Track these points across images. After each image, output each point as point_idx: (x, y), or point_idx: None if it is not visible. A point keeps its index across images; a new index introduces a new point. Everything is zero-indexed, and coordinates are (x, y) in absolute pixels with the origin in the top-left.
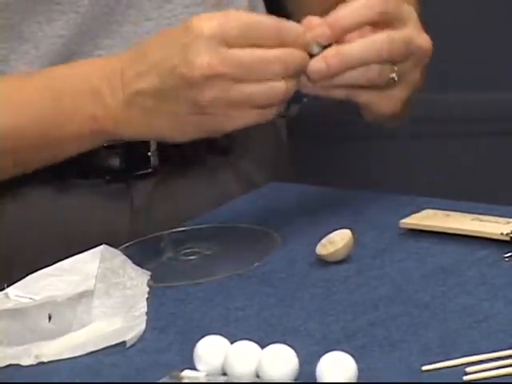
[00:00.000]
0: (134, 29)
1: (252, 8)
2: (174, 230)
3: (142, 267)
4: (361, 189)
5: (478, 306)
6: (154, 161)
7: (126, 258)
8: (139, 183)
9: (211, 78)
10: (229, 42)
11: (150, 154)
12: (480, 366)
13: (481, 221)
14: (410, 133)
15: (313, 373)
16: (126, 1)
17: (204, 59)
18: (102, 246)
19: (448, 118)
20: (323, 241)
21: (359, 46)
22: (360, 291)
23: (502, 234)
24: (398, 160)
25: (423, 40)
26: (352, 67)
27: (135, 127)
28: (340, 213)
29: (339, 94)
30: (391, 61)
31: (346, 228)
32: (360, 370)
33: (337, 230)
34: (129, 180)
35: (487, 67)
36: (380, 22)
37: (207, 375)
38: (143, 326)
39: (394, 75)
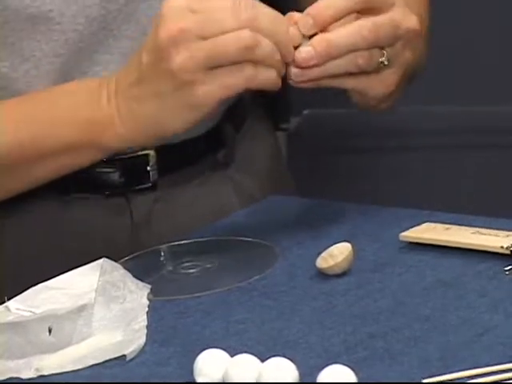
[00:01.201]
0: (132, 44)
1: None
2: (173, 244)
3: (141, 281)
4: (361, 202)
5: (478, 319)
6: (153, 175)
7: (126, 271)
8: (139, 198)
9: (175, 39)
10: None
11: (149, 168)
12: (480, 379)
13: (481, 234)
14: (410, 146)
15: None
16: (122, 16)
17: (166, 25)
18: (101, 260)
19: (449, 130)
20: (323, 254)
21: (345, 31)
22: (360, 304)
23: (502, 247)
24: (398, 173)
25: (410, 22)
26: (339, 53)
27: (129, 125)
28: (340, 226)
29: (328, 83)
30: (379, 45)
31: (346, 241)
32: (360, 382)
33: (337, 243)
34: (128, 194)
35: (489, 80)
36: (366, 9)
37: None
38: (143, 340)
39: (383, 59)
